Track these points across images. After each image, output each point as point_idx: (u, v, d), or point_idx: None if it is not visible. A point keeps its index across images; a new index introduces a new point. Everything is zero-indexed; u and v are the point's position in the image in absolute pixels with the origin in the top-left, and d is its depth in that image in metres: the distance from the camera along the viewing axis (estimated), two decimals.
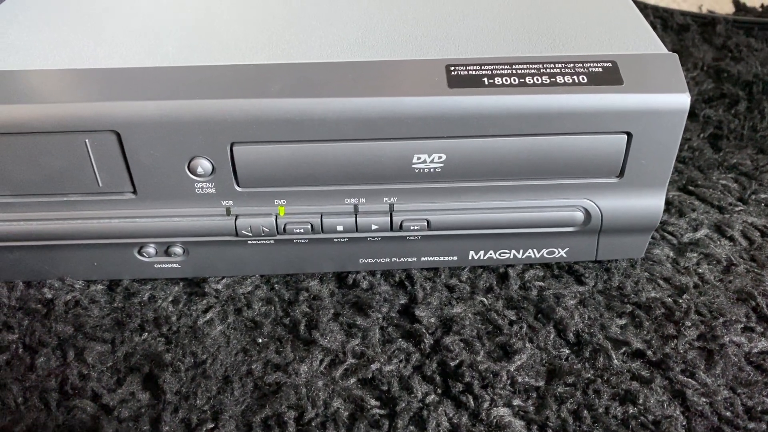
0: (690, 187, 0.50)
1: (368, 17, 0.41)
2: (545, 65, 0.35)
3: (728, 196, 0.49)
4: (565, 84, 0.34)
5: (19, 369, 0.37)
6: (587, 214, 0.39)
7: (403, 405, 0.35)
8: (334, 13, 0.41)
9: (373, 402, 0.35)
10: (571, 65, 0.35)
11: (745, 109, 0.58)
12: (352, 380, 0.36)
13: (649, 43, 0.37)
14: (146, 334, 0.39)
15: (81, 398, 0.36)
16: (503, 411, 0.34)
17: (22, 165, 0.35)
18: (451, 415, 0.34)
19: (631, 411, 0.34)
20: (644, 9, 0.74)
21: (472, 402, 0.35)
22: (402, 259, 0.42)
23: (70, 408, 0.35)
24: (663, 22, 0.73)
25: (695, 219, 0.47)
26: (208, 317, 0.40)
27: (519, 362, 0.37)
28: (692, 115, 0.56)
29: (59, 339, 0.39)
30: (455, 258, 0.42)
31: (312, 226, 0.38)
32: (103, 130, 0.34)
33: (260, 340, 0.39)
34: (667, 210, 0.47)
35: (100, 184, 0.36)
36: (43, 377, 0.37)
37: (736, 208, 0.48)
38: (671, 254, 0.44)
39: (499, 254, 0.42)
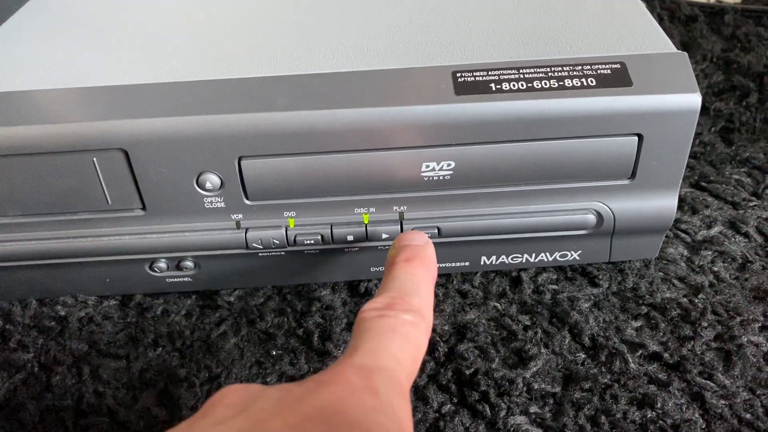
0: (702, 183, 0.49)
1: (372, 25, 0.40)
2: (553, 69, 0.35)
3: (742, 191, 0.48)
4: (573, 87, 0.34)
5: (36, 388, 0.37)
6: (599, 216, 0.38)
7: (420, 416, 0.35)
8: (338, 22, 0.41)
9: None
10: (579, 68, 0.34)
11: (757, 101, 0.57)
12: None
13: (658, 41, 0.37)
14: (160, 349, 0.39)
15: (97, 416, 0.36)
16: (520, 419, 0.34)
17: (32, 185, 0.35)
18: (467, 424, 0.34)
19: (650, 415, 0.34)
20: (651, 1, 0.73)
21: (488, 411, 0.34)
22: None
23: (87, 426, 0.35)
24: (670, 13, 0.72)
25: (708, 216, 0.46)
26: (221, 330, 0.40)
27: (534, 368, 0.36)
28: (703, 108, 0.55)
29: (74, 357, 0.39)
30: (467, 263, 0.42)
31: (322, 236, 0.38)
32: (110, 149, 0.34)
33: (274, 353, 0.39)
34: (679, 207, 0.46)
35: (110, 202, 0.36)
36: (59, 396, 0.37)
37: (750, 204, 0.47)
38: (685, 253, 0.43)
39: (512, 258, 0.41)
